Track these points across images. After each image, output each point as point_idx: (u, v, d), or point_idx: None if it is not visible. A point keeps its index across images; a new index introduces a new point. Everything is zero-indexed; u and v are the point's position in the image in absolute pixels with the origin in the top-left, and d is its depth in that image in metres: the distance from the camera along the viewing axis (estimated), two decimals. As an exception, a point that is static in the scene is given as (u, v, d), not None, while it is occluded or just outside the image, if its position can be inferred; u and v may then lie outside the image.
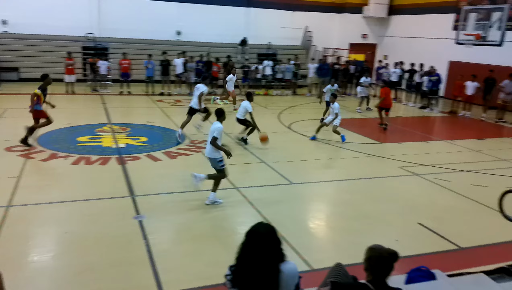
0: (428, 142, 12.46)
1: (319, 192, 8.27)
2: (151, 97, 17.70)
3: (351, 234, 6.32)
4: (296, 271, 2.96)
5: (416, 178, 9.08)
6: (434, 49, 21.53)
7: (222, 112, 7.30)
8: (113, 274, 4.97)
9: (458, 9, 20.43)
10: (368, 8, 25.15)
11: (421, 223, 6.75)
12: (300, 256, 5.55)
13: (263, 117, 14.93)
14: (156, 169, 8.86)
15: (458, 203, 7.78)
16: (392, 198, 7.89)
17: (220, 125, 7.02)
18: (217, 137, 6.93)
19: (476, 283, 4.02)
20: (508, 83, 15.64)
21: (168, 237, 6.07)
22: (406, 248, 5.85)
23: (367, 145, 11.72)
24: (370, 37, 26.23)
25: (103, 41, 21.17)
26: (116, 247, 5.58)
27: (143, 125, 12.73)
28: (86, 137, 10.91)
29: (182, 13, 22.74)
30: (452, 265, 5.36)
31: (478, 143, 12.59)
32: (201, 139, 11.18)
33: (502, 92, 15.78)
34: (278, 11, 24.25)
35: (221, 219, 6.62)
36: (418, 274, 4.19)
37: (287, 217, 6.79)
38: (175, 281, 4.90)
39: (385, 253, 2.89)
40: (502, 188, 5.31)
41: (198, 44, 22.26)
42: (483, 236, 6.42)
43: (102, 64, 18.27)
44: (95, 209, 6.74)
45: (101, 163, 9.02)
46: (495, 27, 18.12)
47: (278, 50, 23.79)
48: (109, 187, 7.69)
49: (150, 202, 7.13)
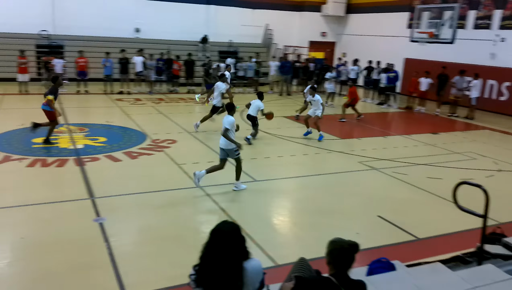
0: (386, 138, 12.82)
1: (282, 189, 8.35)
2: (109, 96, 17.28)
3: (314, 229, 6.42)
4: (261, 267, 2.98)
5: (375, 172, 9.33)
6: (390, 46, 22.18)
7: (233, 106, 7.95)
8: (73, 279, 4.83)
9: (412, 8, 21.11)
10: (327, 6, 25.55)
11: (381, 215, 6.95)
12: (264, 252, 5.59)
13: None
14: (117, 170, 8.67)
15: (415, 195, 8.06)
16: (353, 192, 8.07)
17: (232, 118, 7.55)
18: (229, 129, 7.43)
19: (433, 272, 4.18)
20: (459, 79, 16.33)
21: (130, 238, 5.96)
22: (367, 241, 6.02)
23: (328, 141, 11.93)
24: (329, 35, 26.67)
25: (58, 39, 20.43)
26: (76, 251, 5.42)
27: (102, 125, 12.42)
28: (41, 139, 10.52)
29: (140, 10, 22.31)
30: (410, 255, 5.54)
31: (432, 137, 13.08)
32: (162, 139, 11.03)
33: (453, 88, 16.46)
34: (238, 8, 24.23)
35: (184, 219, 6.57)
36: (379, 266, 4.31)
37: (251, 214, 6.82)
38: (138, 283, 4.82)
39: (346, 244, 2.95)
40: (456, 180, 5.53)
41: (158, 41, 21.91)
42: (439, 227, 6.69)
43: (58, 62, 17.64)
44: (53, 213, 6.53)
45: (58, 164, 8.74)
46: (447, 25, 18.85)
47: (240, 48, 23.78)
48: (67, 190, 7.47)
49: (110, 203, 6.97)
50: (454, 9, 18.61)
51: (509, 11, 17.52)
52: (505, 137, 13.69)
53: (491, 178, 9.25)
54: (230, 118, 7.52)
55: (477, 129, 14.73)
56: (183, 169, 8.84)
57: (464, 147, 11.92)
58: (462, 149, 11.60)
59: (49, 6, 20.64)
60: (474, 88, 15.99)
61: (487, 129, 14.71)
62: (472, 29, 18.91)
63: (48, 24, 20.44)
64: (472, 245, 5.18)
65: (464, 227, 6.57)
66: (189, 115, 14.76)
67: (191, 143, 10.95)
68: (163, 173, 8.58)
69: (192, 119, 12.57)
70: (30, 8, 19.99)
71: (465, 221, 6.44)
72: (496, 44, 17.89)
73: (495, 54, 17.94)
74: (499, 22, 17.84)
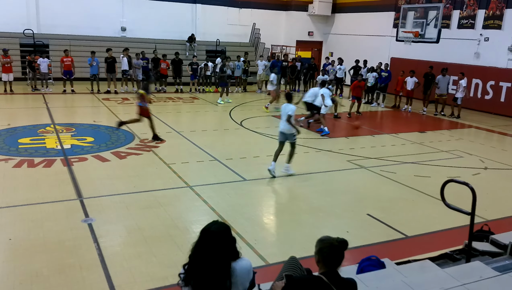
0: (374, 136, 12.92)
1: (272, 188, 8.36)
2: (96, 96, 17.12)
3: (304, 228, 6.45)
4: (250, 267, 2.99)
5: (363, 170, 9.40)
6: (376, 46, 22.37)
7: (291, 95, 8.81)
8: (62, 281, 4.78)
9: (397, 8, 21.29)
10: (313, 6, 25.62)
11: (370, 213, 7.01)
12: (255, 251, 5.60)
13: (215, 114, 14.89)
14: (105, 170, 8.59)
15: (404, 194, 8.14)
16: (342, 191, 8.13)
17: (293, 106, 8.44)
18: (292, 115, 8.28)
19: (422, 269, 4.22)
20: (441, 79, 16.50)
21: (119, 239, 5.91)
22: (357, 239, 6.08)
23: (317, 140, 11.98)
24: (316, 34, 26.77)
25: (42, 38, 20.15)
26: (65, 252, 5.36)
27: (89, 125, 12.30)
28: (28, 139, 10.39)
29: (126, 9, 22.13)
30: (399, 253, 5.61)
31: (420, 136, 13.22)
32: (151, 138, 10.97)
33: (437, 88, 16.64)
34: (225, 8, 24.18)
35: (174, 218, 6.54)
36: (369, 264, 4.34)
37: (241, 214, 6.82)
38: (128, 283, 4.79)
39: (335, 241, 2.97)
40: (444, 178, 5.60)
41: (144, 40, 21.77)
42: (427, 224, 6.76)
43: (43, 62, 17.39)
44: (41, 214, 6.44)
45: (45, 165, 8.63)
46: (432, 25, 19.04)
47: (227, 47, 23.73)
48: (55, 190, 7.38)
49: (99, 204, 6.92)
50: (438, 9, 18.81)
51: (492, 11, 17.78)
52: (490, 136, 13.91)
53: (478, 175, 9.39)
54: (292, 106, 8.40)
55: (463, 128, 14.93)
56: (172, 168, 8.80)
57: (451, 145, 12.07)
58: (449, 147, 11.75)
59: (33, 4, 20.35)
60: (461, 88, 16.15)
61: (473, 128, 14.91)
62: (457, 29, 19.16)
63: (32, 23, 20.15)
64: (460, 242, 5.25)
65: (452, 225, 6.66)
66: (178, 115, 14.70)
67: (180, 143, 10.90)
68: (152, 173, 8.53)
69: (180, 119, 12.53)
70: (14, 7, 19.70)
71: (453, 218, 6.54)
72: (480, 44, 18.16)
73: (479, 53, 18.21)
74: (482, 22, 18.10)
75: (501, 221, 6.91)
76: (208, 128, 12.94)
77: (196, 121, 12.48)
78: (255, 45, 24.90)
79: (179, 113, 15.16)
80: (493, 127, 14.84)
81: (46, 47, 20.02)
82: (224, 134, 12.32)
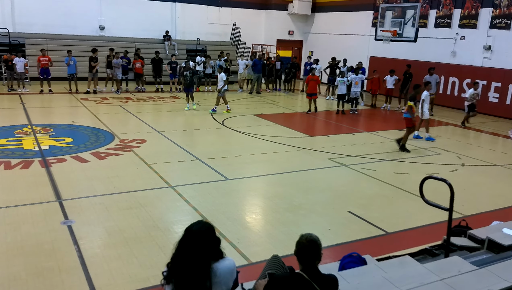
0: (354, 134, 13.05)
1: (254, 186, 8.37)
2: (75, 96, 16.84)
3: (286, 226, 6.48)
4: (233, 267, 3.00)
5: (344, 168, 9.48)
6: (356, 45, 22.59)
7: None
8: (40, 284, 4.69)
9: (376, 7, 21.55)
10: (293, 5, 25.75)
11: (351, 211, 7.08)
12: (238, 250, 5.60)
13: (195, 114, 14.80)
14: (84, 171, 8.46)
15: (384, 191, 8.24)
16: (323, 189, 8.19)
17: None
18: None
19: (402, 265, 4.28)
20: (429, 78, 16.69)
21: (100, 240, 5.83)
22: (338, 236, 6.14)
23: (298, 138, 12.04)
24: (296, 34, 26.89)
25: (18, 37, 19.73)
26: (44, 255, 5.26)
27: (68, 125, 12.10)
28: (4, 140, 10.17)
29: (104, 7, 21.85)
30: (380, 249, 5.67)
31: (398, 133, 13.35)
32: (131, 138, 10.85)
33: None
34: (205, 6, 24.10)
35: (155, 219, 6.48)
36: (350, 260, 4.38)
37: (223, 213, 6.80)
38: (110, 285, 4.73)
39: (305, 240, 2.99)
40: (422, 175, 5.70)
41: (123, 39, 21.52)
42: (407, 221, 6.87)
43: (19, 61, 17.04)
44: (18, 216, 6.31)
45: (22, 166, 8.46)
46: (410, 24, 19.31)
47: (208, 46, 23.64)
48: (33, 192, 7.23)
49: (79, 205, 6.81)
50: (415, 8, 19.09)
51: (468, 11, 18.15)
52: (467, 133, 14.19)
53: (455, 172, 9.57)
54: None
55: (440, 125, 15.20)
56: (153, 168, 8.72)
57: (429, 142, 12.26)
58: (427, 145, 11.95)
59: (8, 2, 19.90)
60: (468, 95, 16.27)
61: (450, 125, 15.19)
62: (434, 28, 19.51)
63: (7, 22, 19.71)
64: (438, 237, 5.33)
65: (431, 221, 6.77)
66: (158, 115, 14.57)
67: (161, 143, 10.82)
68: (133, 173, 8.44)
69: (161, 119, 12.43)
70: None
71: (432, 214, 6.66)
72: (457, 43, 18.52)
73: (455, 52, 18.57)
74: (458, 21, 18.46)
75: (478, 216, 7.06)
76: (190, 127, 12.88)
77: (177, 121, 12.38)
78: (235, 44, 24.87)
79: (160, 113, 15.03)
80: (470, 124, 15.12)
81: (22, 46, 19.62)
82: (206, 133, 12.26)
